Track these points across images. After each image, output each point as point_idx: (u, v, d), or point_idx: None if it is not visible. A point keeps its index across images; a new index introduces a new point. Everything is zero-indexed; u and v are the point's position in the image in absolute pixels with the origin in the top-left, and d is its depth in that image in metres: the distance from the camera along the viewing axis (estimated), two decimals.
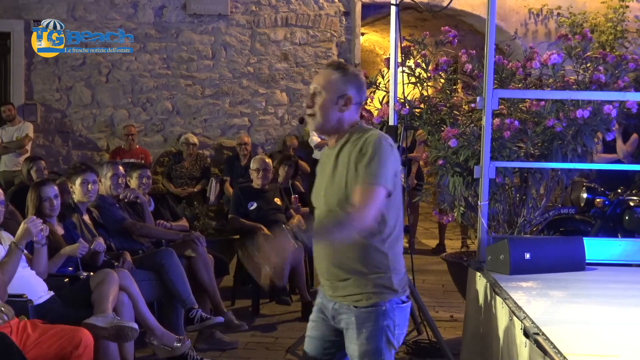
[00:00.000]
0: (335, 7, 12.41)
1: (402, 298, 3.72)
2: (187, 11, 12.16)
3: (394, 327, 3.68)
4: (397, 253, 3.73)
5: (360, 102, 3.79)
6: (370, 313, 3.66)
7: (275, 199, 8.53)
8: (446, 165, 6.78)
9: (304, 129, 12.21)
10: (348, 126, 3.73)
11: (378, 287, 3.65)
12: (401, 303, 3.72)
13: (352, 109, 3.74)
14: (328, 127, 3.76)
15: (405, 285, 3.75)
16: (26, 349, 4.80)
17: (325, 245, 3.74)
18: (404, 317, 3.77)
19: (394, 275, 3.68)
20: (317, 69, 12.32)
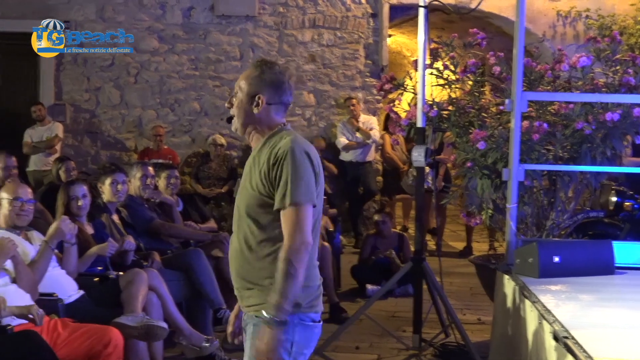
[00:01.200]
0: (363, 9, 12.41)
1: (311, 316, 3.49)
2: (215, 12, 12.19)
3: (290, 346, 3.42)
4: (308, 264, 3.44)
5: (282, 103, 3.60)
6: (264, 325, 3.38)
7: None
8: (474, 167, 6.76)
9: (330, 130, 12.22)
10: (267, 128, 3.58)
11: None
12: (307, 321, 3.48)
13: (270, 109, 3.57)
14: (244, 129, 3.62)
15: (315, 303, 3.51)
16: (56, 347, 4.85)
17: (232, 255, 3.59)
18: (307, 337, 3.50)
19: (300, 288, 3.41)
20: (344, 70, 12.35)
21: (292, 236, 3.34)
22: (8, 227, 5.55)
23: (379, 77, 12.09)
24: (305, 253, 3.34)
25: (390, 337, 7.01)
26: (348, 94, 12.18)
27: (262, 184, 3.44)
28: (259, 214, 3.48)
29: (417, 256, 6.66)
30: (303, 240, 3.34)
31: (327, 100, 12.38)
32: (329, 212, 8.90)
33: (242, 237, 3.54)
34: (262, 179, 3.43)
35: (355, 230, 11.75)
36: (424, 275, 6.60)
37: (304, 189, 3.38)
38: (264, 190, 3.44)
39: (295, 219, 3.36)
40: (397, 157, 12.07)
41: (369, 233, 9.67)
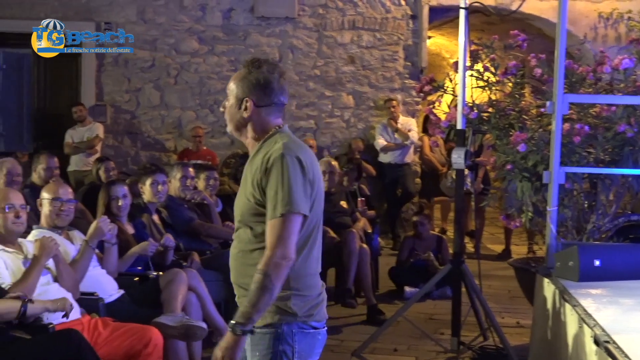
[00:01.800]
0: (402, 10, 12.39)
1: (311, 324, 3.39)
2: (255, 14, 12.23)
3: (292, 354, 3.34)
4: (302, 273, 3.37)
5: (273, 104, 3.44)
6: (265, 334, 3.33)
7: (341, 202, 8.55)
8: (514, 170, 6.73)
9: (369, 132, 12.21)
10: (261, 132, 3.45)
11: (274, 307, 3.30)
12: (309, 329, 3.39)
13: (261, 112, 3.43)
14: (237, 132, 3.51)
15: (315, 310, 3.41)
16: (97, 346, 4.89)
17: (230, 263, 3.51)
18: (310, 345, 3.41)
19: (295, 297, 3.34)
20: (383, 72, 12.34)
21: (273, 249, 3.21)
22: (50, 227, 5.62)
23: (418, 78, 12.05)
24: (285, 268, 3.21)
25: (428, 340, 6.99)
26: (387, 95, 12.16)
27: (255, 191, 3.32)
28: (253, 223, 3.37)
29: (456, 259, 6.64)
30: (284, 254, 3.20)
31: (366, 101, 12.37)
32: (367, 213, 8.88)
33: (239, 244, 3.45)
34: (255, 187, 3.32)
35: (393, 232, 11.73)
36: (463, 277, 6.58)
37: (292, 199, 3.24)
38: (257, 198, 3.33)
39: (279, 231, 3.23)
40: (436, 159, 12.04)
41: (407, 235, 9.65)
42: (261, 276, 3.19)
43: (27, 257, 5.12)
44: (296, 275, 3.33)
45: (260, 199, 3.31)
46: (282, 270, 3.20)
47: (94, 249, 5.64)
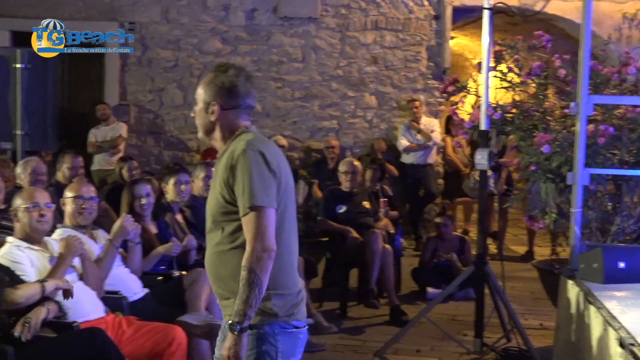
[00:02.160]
0: (425, 11, 12.36)
1: (293, 323, 3.42)
2: (278, 14, 12.24)
3: (275, 354, 3.37)
4: (280, 273, 3.38)
5: (239, 107, 3.50)
6: (248, 335, 3.32)
7: (364, 202, 8.55)
8: (538, 171, 6.71)
9: (391, 132, 12.20)
10: (229, 133, 3.49)
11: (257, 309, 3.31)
12: (290, 328, 3.41)
13: (228, 114, 3.48)
14: (207, 137, 3.57)
15: (294, 311, 3.43)
16: (121, 344, 4.91)
17: (206, 266, 3.53)
18: (292, 344, 3.44)
19: (275, 296, 3.35)
20: (406, 72, 12.32)
21: (252, 243, 3.24)
22: (73, 226, 5.65)
23: (441, 79, 12.04)
24: (268, 260, 3.24)
25: (451, 341, 6.99)
26: (410, 96, 12.14)
27: (224, 190, 3.35)
28: (224, 222, 3.39)
29: (480, 260, 6.63)
30: (264, 246, 3.23)
31: (389, 102, 12.36)
32: (390, 214, 8.87)
33: (213, 247, 3.47)
34: (224, 186, 3.35)
35: (416, 233, 11.71)
36: (486, 279, 6.57)
37: (259, 193, 3.27)
38: (226, 197, 3.35)
39: (253, 225, 3.26)
40: (459, 159, 12.01)
41: (430, 236, 9.64)
42: (246, 272, 3.22)
43: (53, 256, 5.15)
44: (274, 274, 3.32)
45: (228, 198, 3.35)
46: (265, 263, 3.23)
47: (118, 248, 5.67)
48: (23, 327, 4.44)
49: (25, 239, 5.17)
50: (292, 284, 3.45)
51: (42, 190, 5.59)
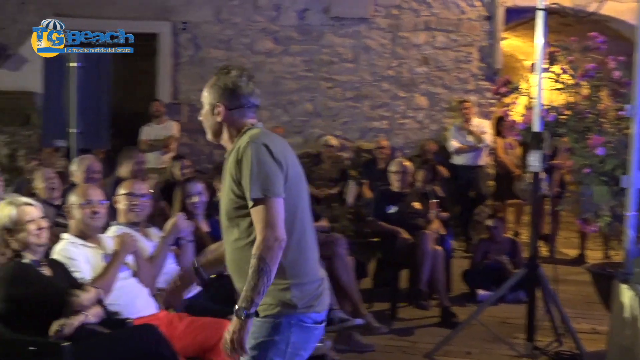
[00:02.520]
0: (477, 12, 12.31)
1: (312, 316, 3.47)
2: (329, 14, 12.26)
3: (285, 346, 3.44)
4: (297, 262, 3.46)
5: (243, 107, 3.58)
6: (264, 324, 3.42)
7: (414, 203, 8.52)
8: (592, 173, 6.65)
9: (442, 133, 12.15)
10: (236, 132, 3.58)
11: (275, 299, 3.41)
12: (308, 322, 3.47)
13: (233, 114, 3.57)
14: (215, 138, 3.65)
15: (314, 302, 3.48)
16: (174, 340, 4.93)
17: (229, 262, 3.60)
18: (305, 338, 3.50)
19: (294, 287, 3.42)
20: (457, 73, 12.28)
21: (262, 233, 3.30)
22: (127, 223, 5.70)
23: (492, 80, 11.99)
24: (278, 249, 3.30)
25: (501, 344, 6.94)
26: (461, 97, 12.07)
27: (234, 185, 3.42)
28: (237, 219, 3.46)
29: (532, 262, 6.58)
30: (274, 235, 3.29)
31: (440, 103, 12.32)
32: (441, 215, 8.84)
33: (230, 244, 3.54)
34: (232, 182, 3.42)
35: (466, 235, 11.64)
36: (538, 281, 6.51)
37: (265, 183, 3.33)
38: (236, 192, 3.42)
39: (262, 215, 3.32)
40: (510, 161, 11.92)
41: (481, 238, 9.59)
42: (256, 260, 3.29)
43: (107, 253, 5.21)
44: (290, 264, 3.42)
45: (238, 192, 3.42)
46: (275, 252, 3.29)
47: (171, 246, 5.71)
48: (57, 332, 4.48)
49: (80, 236, 5.24)
50: (312, 273, 3.51)
51: (95, 187, 5.66)
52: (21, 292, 4.55)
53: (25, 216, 4.71)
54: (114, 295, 5.05)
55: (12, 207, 4.72)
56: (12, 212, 4.71)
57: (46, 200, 6.94)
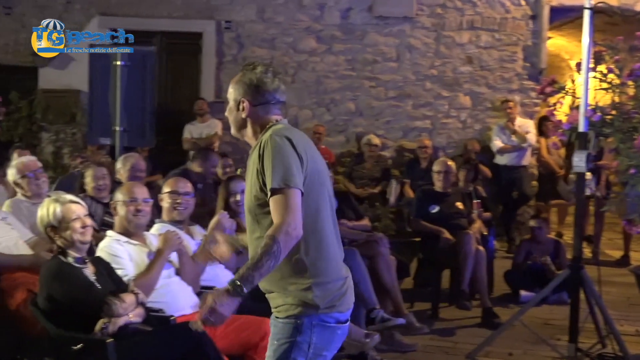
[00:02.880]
0: (522, 11, 12.22)
1: (334, 316, 3.42)
2: (373, 13, 12.24)
3: (308, 347, 3.39)
4: (319, 261, 3.41)
5: (268, 103, 3.57)
6: (285, 324, 3.42)
7: (457, 203, 8.48)
8: (637, 174, 6.57)
9: (485, 133, 12.09)
10: (260, 128, 3.55)
11: (297, 299, 3.39)
12: (330, 322, 3.42)
13: (257, 110, 3.55)
14: (239, 133, 3.64)
15: (338, 301, 3.43)
16: (215, 338, 4.94)
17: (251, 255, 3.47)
18: (328, 339, 3.45)
19: (316, 286, 3.37)
20: (501, 72, 12.21)
21: (283, 217, 3.25)
22: (171, 221, 5.74)
23: (536, 80, 11.90)
24: (294, 238, 3.25)
25: (544, 345, 6.88)
26: (504, 96, 12.00)
27: (258, 181, 3.40)
28: (260, 215, 3.43)
29: (575, 263, 6.53)
30: (295, 224, 3.24)
31: (483, 102, 12.26)
32: (483, 215, 8.79)
33: (252, 241, 3.51)
34: (256, 176, 3.40)
35: (509, 235, 11.57)
36: (581, 283, 6.46)
37: (286, 174, 3.29)
38: (259, 188, 3.40)
39: (284, 203, 3.27)
40: (554, 161, 11.83)
41: (523, 238, 9.53)
42: (270, 241, 3.23)
43: (151, 250, 5.25)
44: (312, 262, 3.38)
45: (261, 188, 3.39)
46: (290, 237, 3.24)
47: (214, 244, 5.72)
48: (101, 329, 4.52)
49: (124, 233, 5.29)
50: (334, 272, 3.46)
51: (141, 185, 5.72)
52: (61, 291, 4.61)
53: (71, 214, 4.76)
54: (157, 293, 5.09)
55: (58, 205, 4.78)
56: (57, 209, 4.76)
57: (95, 197, 7.01)
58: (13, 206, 6.37)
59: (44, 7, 12.49)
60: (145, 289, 4.94)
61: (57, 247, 4.83)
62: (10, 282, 5.60)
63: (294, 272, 3.39)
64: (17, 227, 6.01)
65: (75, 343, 4.49)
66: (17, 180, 6.51)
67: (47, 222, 4.79)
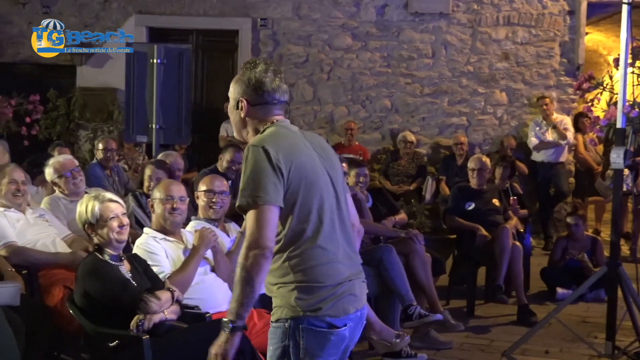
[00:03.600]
0: (560, 6, 12.12)
1: (327, 320, 3.29)
2: (409, 10, 12.20)
3: (299, 351, 3.29)
4: (307, 265, 3.30)
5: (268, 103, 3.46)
6: (276, 329, 3.35)
7: (493, 200, 8.44)
8: None
9: (522, 130, 12.02)
10: (259, 128, 3.45)
11: (283, 301, 3.31)
12: (319, 326, 3.29)
13: (256, 110, 3.45)
14: (241, 136, 3.55)
15: (327, 304, 3.29)
16: (251, 336, 4.96)
17: None
18: (319, 344, 3.31)
19: (300, 290, 3.27)
20: (538, 69, 12.12)
21: (247, 241, 3.21)
22: (206, 219, 5.77)
23: (574, 76, 11.81)
24: (261, 257, 3.17)
25: (581, 343, 6.84)
26: (541, 92, 11.93)
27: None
28: None
29: (612, 261, 6.47)
30: (258, 244, 3.16)
31: (520, 99, 12.17)
32: (520, 212, 8.75)
33: None
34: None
35: (545, 232, 11.50)
36: (619, 280, 6.40)
37: (255, 190, 3.20)
38: None
39: (251, 222, 3.20)
40: (591, 157, 11.74)
41: (560, 235, 9.45)
42: (240, 269, 3.20)
43: (187, 247, 5.28)
44: (299, 268, 3.29)
45: None
46: (258, 261, 3.17)
47: None
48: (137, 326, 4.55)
49: (161, 230, 5.33)
50: (328, 276, 3.33)
51: (178, 183, 5.77)
52: (97, 288, 4.65)
53: (109, 213, 4.80)
54: (193, 289, 5.13)
55: (97, 203, 4.82)
56: (96, 207, 4.80)
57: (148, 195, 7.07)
58: (51, 203, 6.45)
59: (82, 6, 12.61)
60: (181, 286, 4.98)
61: (94, 244, 4.88)
62: (48, 279, 5.68)
63: (280, 275, 3.33)
64: (54, 224, 6.09)
65: (111, 340, 4.53)
66: (55, 179, 6.58)
67: (85, 219, 4.83)
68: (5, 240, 5.71)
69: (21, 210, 6.00)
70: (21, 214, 5.97)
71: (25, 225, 5.90)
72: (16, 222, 5.88)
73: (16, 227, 5.84)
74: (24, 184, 6.09)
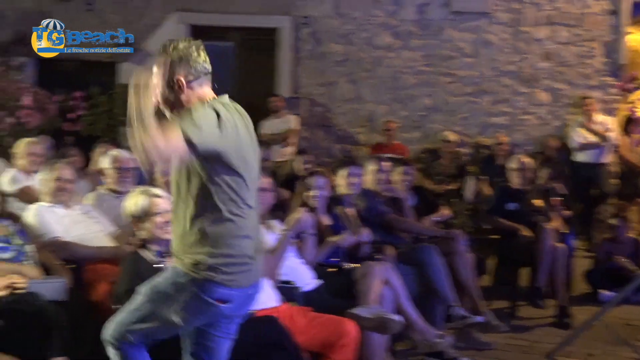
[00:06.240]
0: (601, 5, 12.04)
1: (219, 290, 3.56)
2: (450, 8, 12.18)
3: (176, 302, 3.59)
4: (216, 233, 3.53)
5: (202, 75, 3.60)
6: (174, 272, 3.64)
7: (535, 201, 8.38)
8: None
9: (564, 130, 11.92)
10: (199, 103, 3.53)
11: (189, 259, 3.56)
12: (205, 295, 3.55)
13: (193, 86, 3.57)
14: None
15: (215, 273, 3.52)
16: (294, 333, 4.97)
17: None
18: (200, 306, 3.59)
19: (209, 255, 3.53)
20: (580, 69, 12.03)
21: (163, 139, 3.24)
22: None
23: (616, 76, 11.72)
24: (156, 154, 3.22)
25: (625, 346, 6.76)
26: (584, 92, 11.81)
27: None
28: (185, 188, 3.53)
29: None
30: (162, 145, 3.21)
31: (562, 99, 12.09)
32: (562, 213, 8.67)
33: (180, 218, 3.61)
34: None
35: (588, 234, 11.39)
36: None
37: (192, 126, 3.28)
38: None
39: (170, 132, 3.26)
40: (636, 159, 11.60)
41: (604, 237, 9.37)
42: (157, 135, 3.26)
43: None
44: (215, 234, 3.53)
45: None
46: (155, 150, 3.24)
47: (292, 239, 5.76)
48: None
49: None
50: (229, 246, 3.52)
51: None
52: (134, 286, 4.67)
53: (155, 208, 4.83)
54: None
55: (145, 197, 4.86)
56: (142, 201, 4.84)
57: None
58: (97, 199, 6.48)
59: (125, 3, 12.66)
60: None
61: (139, 239, 4.90)
62: (93, 274, 5.70)
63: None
64: (100, 221, 6.12)
65: None
66: (107, 169, 6.60)
67: (131, 212, 4.88)
68: (50, 235, 5.76)
69: (67, 206, 6.04)
70: (68, 210, 6.01)
71: (72, 221, 5.94)
72: (63, 218, 5.92)
73: (63, 223, 5.88)
74: (70, 183, 6.12)
